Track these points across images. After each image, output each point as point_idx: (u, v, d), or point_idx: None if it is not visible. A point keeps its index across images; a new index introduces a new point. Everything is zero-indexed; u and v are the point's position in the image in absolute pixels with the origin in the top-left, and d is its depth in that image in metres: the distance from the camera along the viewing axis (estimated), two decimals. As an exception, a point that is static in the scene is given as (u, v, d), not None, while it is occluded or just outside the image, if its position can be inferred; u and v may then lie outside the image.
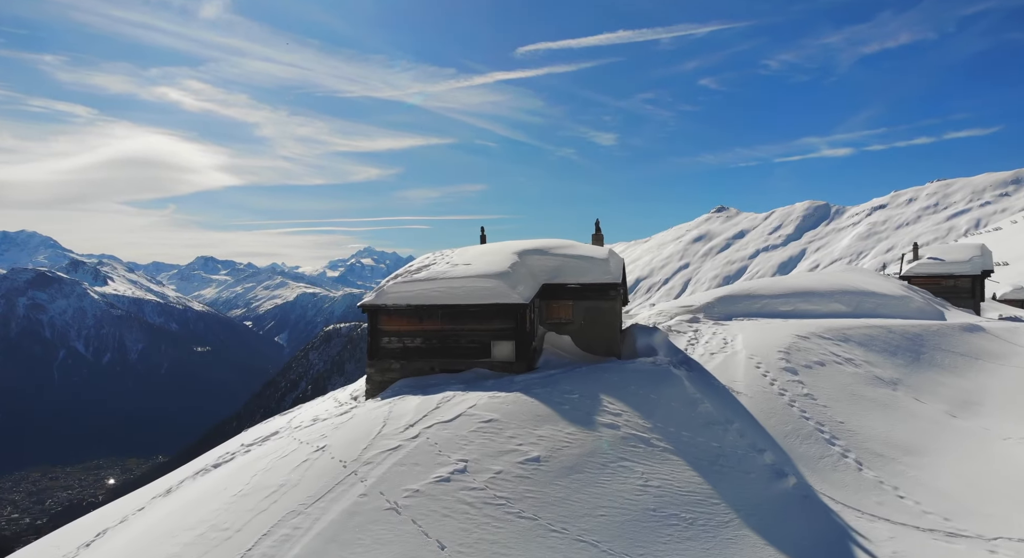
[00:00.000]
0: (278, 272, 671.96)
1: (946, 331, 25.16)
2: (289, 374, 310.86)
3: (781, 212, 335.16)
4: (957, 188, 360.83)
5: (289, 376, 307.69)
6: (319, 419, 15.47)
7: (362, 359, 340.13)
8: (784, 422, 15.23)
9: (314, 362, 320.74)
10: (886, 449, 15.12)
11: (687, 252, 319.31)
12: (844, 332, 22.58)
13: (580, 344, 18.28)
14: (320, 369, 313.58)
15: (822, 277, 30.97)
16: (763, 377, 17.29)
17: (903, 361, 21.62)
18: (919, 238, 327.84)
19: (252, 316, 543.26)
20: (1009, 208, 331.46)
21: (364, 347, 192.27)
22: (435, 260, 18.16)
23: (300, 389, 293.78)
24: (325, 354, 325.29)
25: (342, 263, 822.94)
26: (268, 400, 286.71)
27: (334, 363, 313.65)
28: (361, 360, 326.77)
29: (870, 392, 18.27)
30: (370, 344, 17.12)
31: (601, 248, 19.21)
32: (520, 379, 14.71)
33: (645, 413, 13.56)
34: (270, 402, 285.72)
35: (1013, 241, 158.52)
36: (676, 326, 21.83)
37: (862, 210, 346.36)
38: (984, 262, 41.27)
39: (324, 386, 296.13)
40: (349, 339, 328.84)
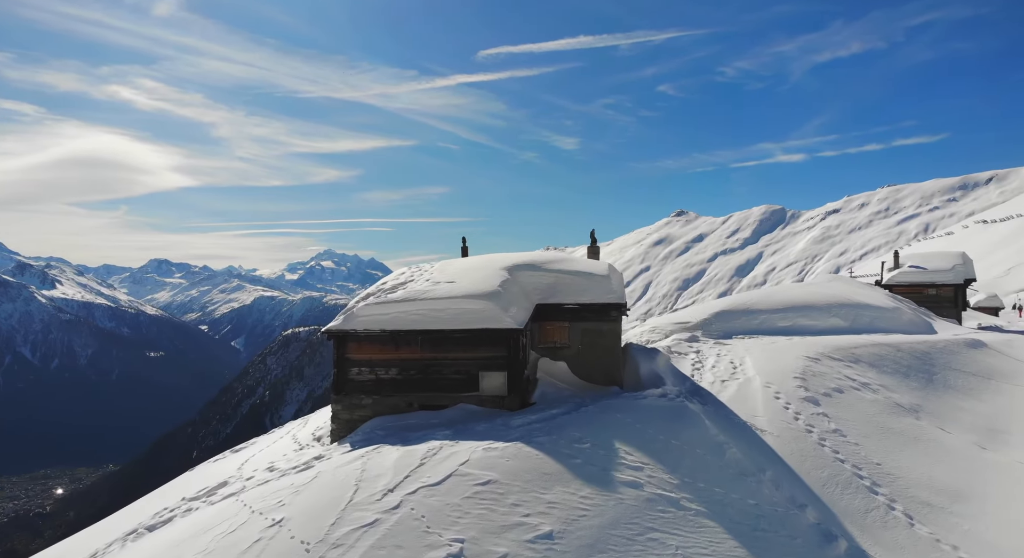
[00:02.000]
0: (235, 275, 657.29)
1: (952, 348, 23.72)
2: (246, 380, 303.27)
3: (739, 216, 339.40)
4: (907, 193, 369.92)
5: (246, 382, 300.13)
6: (275, 468, 13.02)
7: (322, 364, 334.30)
8: (819, 467, 13.28)
9: (272, 367, 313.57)
10: (931, 496, 13.29)
11: (648, 255, 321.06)
12: (853, 352, 20.90)
13: (577, 371, 16.12)
14: (278, 374, 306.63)
15: (816, 289, 29.41)
16: (785, 410, 15.36)
17: (917, 383, 20.02)
18: (871, 242, 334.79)
19: (208, 320, 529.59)
20: (956, 213, 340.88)
21: (324, 352, 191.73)
22: (412, 276, 15.81)
23: (258, 395, 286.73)
24: (283, 359, 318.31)
25: (301, 266, 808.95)
26: (224, 406, 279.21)
27: (293, 368, 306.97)
28: (321, 364, 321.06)
29: (895, 423, 16.51)
30: (336, 376, 14.72)
31: (600, 263, 17.09)
32: (518, 421, 12.47)
33: (669, 465, 11.45)
34: (226, 408, 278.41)
35: (966, 246, 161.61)
36: (675, 347, 19.85)
37: (817, 214, 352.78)
38: (966, 271, 40.43)
39: (282, 391, 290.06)
40: (308, 344, 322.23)
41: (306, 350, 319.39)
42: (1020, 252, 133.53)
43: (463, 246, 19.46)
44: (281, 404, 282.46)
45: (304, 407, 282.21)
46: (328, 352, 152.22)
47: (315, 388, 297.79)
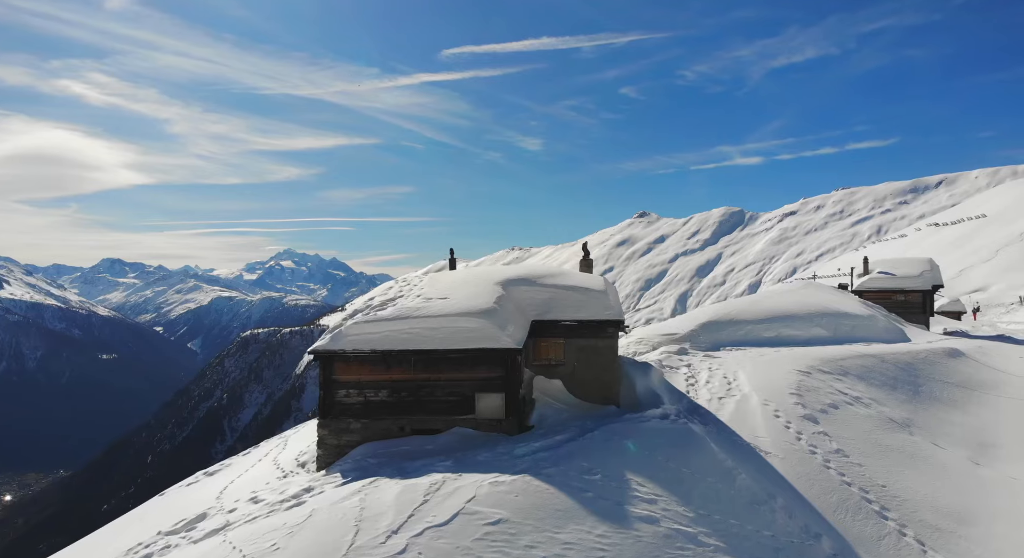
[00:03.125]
0: (191, 275, 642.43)
1: (933, 358, 23.80)
2: (203, 382, 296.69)
3: (699, 218, 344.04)
4: (861, 196, 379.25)
5: (203, 384, 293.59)
6: (260, 500, 12.16)
7: (282, 366, 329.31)
8: (827, 491, 12.94)
9: (230, 370, 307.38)
10: (938, 519, 13.05)
11: (611, 256, 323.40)
12: (841, 364, 20.76)
13: (573, 389, 15.55)
14: (236, 377, 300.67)
15: (795, 298, 29.37)
16: (786, 429, 15.03)
17: (905, 396, 19.95)
18: (826, 243, 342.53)
19: (163, 321, 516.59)
20: (908, 215, 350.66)
21: (284, 353, 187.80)
22: (402, 291, 15.06)
23: (215, 398, 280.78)
24: (242, 361, 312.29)
25: (260, 266, 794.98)
26: (180, 410, 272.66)
27: (252, 371, 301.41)
28: (281, 367, 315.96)
29: (891, 439, 16.32)
30: (323, 399, 13.90)
31: (595, 277, 16.55)
32: (521, 450, 11.83)
33: (682, 496, 10.95)
34: (182, 412, 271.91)
35: (919, 248, 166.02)
36: (666, 360, 19.44)
37: (774, 216, 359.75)
38: (934, 277, 41.02)
39: (241, 395, 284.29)
40: (267, 345, 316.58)
41: (265, 352, 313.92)
42: (971, 254, 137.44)
43: (451, 258, 18.74)
44: (240, 407, 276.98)
45: (263, 410, 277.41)
46: (289, 353, 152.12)
47: (275, 391, 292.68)
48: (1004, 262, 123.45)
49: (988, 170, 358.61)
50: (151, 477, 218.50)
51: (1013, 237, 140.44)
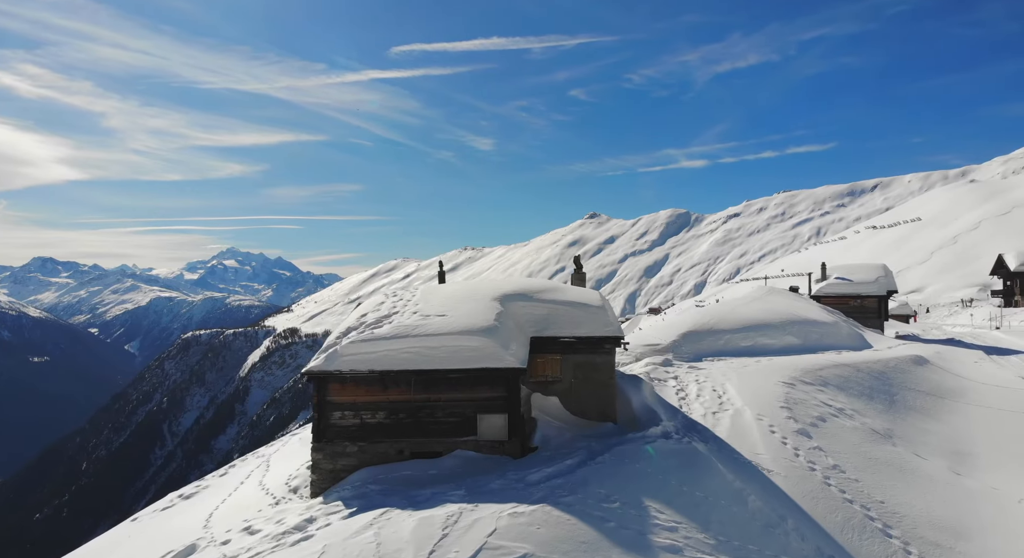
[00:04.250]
0: (128, 275, 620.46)
1: (902, 366, 24.41)
2: (142, 385, 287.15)
3: (647, 219, 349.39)
4: (801, 199, 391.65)
5: (142, 388, 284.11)
6: (256, 530, 11.47)
7: (225, 368, 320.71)
8: (831, 509, 12.97)
9: (170, 372, 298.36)
10: (936, 535, 13.22)
11: (563, 256, 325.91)
12: (820, 375, 21.07)
13: (570, 406, 15.27)
14: (177, 380, 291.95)
15: (766, 305, 29.80)
16: (783, 445, 15.07)
17: (882, 406, 20.36)
18: (768, 244, 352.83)
19: (98, 323, 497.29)
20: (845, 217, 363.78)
21: (227, 355, 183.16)
22: (396, 308, 14.52)
23: (154, 402, 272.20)
24: (183, 364, 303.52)
25: (202, 265, 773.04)
26: (117, 414, 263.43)
27: (193, 373, 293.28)
28: (224, 369, 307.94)
29: (879, 452, 16.55)
30: (316, 421, 13.28)
31: (591, 292, 16.31)
32: (535, 477, 11.47)
33: (701, 522, 10.76)
34: (120, 416, 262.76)
35: (858, 250, 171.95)
36: (653, 372, 19.37)
37: (719, 218, 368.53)
38: (888, 282, 42.31)
39: (182, 398, 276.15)
40: (210, 347, 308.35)
41: (208, 354, 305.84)
42: (907, 256, 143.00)
43: (440, 271, 18.25)
44: (180, 411, 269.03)
45: (206, 414, 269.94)
46: (232, 355, 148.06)
47: (218, 394, 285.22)
48: (938, 264, 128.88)
49: (920, 175, 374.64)
50: (86, 485, 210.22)
51: (946, 240, 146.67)
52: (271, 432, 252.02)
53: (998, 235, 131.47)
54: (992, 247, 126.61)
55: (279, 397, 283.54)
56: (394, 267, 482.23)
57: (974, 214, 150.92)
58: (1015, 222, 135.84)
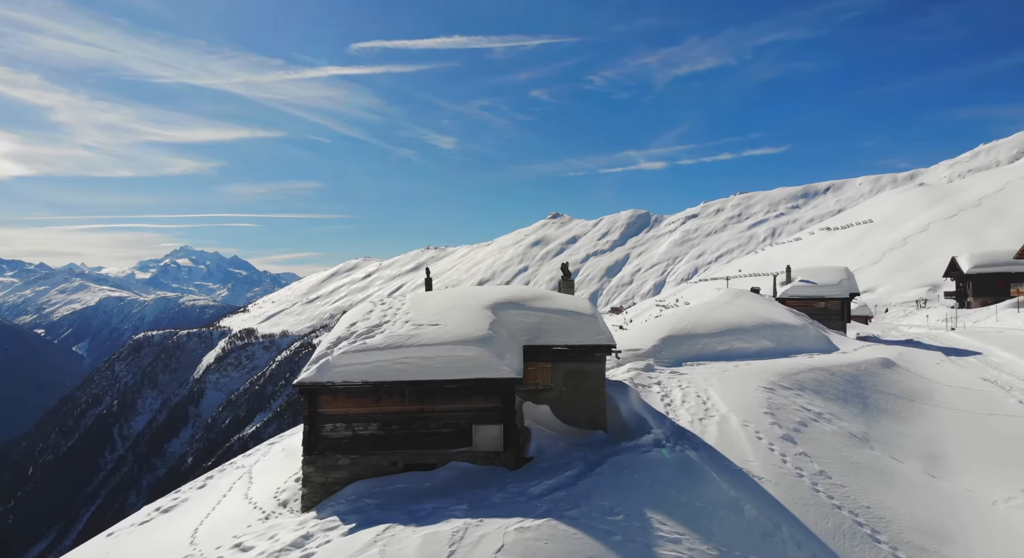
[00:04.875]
0: (77, 274, 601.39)
1: (872, 369, 24.99)
2: (91, 388, 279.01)
3: (608, 220, 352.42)
4: (757, 200, 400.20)
5: (91, 390, 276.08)
6: (249, 547, 11.13)
7: (179, 370, 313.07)
8: (822, 516, 13.16)
9: (121, 374, 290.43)
10: (921, 539, 13.51)
11: (526, 255, 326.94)
12: (797, 379, 21.42)
13: (561, 414, 15.23)
14: (129, 382, 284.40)
15: (737, 309, 30.22)
16: (771, 452, 15.25)
17: (857, 409, 20.79)
18: (725, 245, 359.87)
19: (45, 323, 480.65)
20: (799, 219, 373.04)
21: (181, 357, 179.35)
22: (386, 317, 14.28)
23: (104, 405, 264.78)
24: (134, 365, 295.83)
25: (154, 264, 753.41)
26: (65, 418, 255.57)
27: (145, 375, 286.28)
28: (178, 371, 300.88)
29: (859, 456, 16.88)
30: (307, 433, 12.98)
31: (582, 300, 16.28)
32: (536, 489, 11.38)
33: (703, 533, 10.81)
34: (68, 420, 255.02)
35: (813, 251, 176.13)
36: (637, 378, 19.46)
37: (677, 219, 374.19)
38: (851, 285, 43.34)
39: (133, 401, 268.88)
40: (163, 348, 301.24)
41: (160, 355, 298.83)
42: (859, 257, 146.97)
43: (427, 278, 18.02)
44: (132, 414, 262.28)
45: (158, 417, 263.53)
46: (186, 356, 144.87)
47: (171, 396, 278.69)
48: (889, 265, 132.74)
49: (871, 177, 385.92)
50: (33, 490, 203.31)
51: (896, 242, 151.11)
52: (227, 435, 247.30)
53: (946, 237, 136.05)
54: (940, 248, 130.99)
55: (235, 399, 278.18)
56: (354, 267, 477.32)
57: (923, 216, 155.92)
58: (962, 224, 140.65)
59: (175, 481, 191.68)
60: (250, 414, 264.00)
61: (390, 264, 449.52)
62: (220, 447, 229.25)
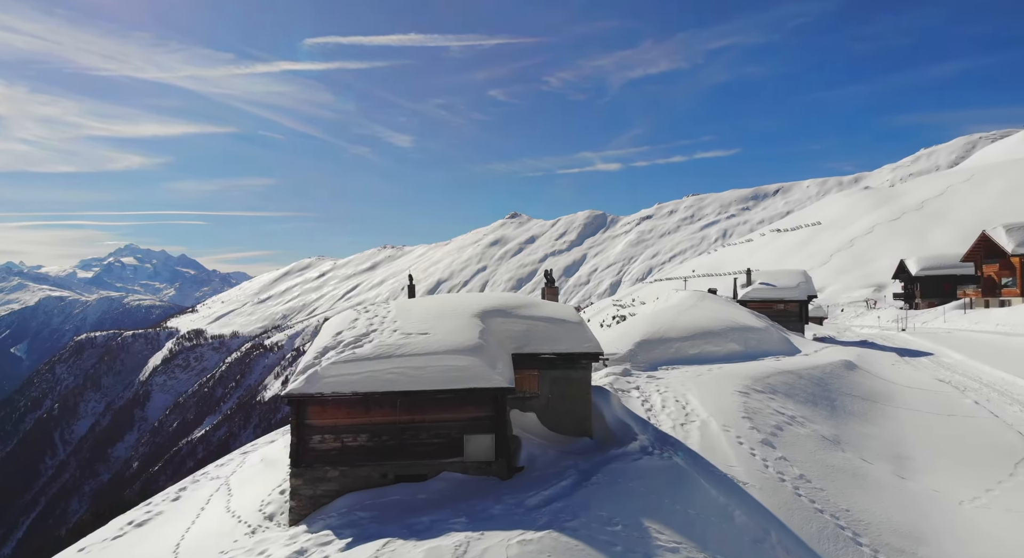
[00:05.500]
0: (15, 273, 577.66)
1: (837, 371, 25.68)
2: (30, 391, 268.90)
3: (566, 220, 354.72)
4: (709, 202, 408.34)
5: (30, 393, 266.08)
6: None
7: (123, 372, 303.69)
8: (806, 520, 13.46)
9: (62, 377, 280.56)
10: (899, 541, 13.90)
11: (484, 255, 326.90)
12: (768, 383, 21.89)
13: (547, 422, 15.25)
14: (70, 385, 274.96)
15: (703, 313, 30.73)
16: (752, 457, 15.54)
17: (826, 412, 21.33)
18: (679, 246, 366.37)
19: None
20: (749, 220, 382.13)
21: (126, 358, 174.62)
22: (373, 325, 14.08)
23: (44, 408, 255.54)
24: (76, 367, 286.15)
25: (97, 262, 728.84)
26: (3, 422, 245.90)
27: (88, 378, 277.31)
28: (123, 373, 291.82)
29: (834, 459, 17.31)
30: (295, 445, 12.71)
31: (567, 308, 16.31)
32: (534, 500, 11.36)
33: (698, 540, 10.93)
34: (5, 424, 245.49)
35: (763, 252, 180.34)
36: (616, 383, 19.62)
37: (632, 220, 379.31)
38: (808, 287, 44.50)
39: (75, 404, 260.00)
40: (106, 350, 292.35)
41: (104, 357, 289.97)
42: (808, 258, 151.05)
43: (410, 284, 17.82)
44: (74, 418, 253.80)
45: (102, 420, 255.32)
46: (131, 358, 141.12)
47: (115, 399, 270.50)
48: (837, 266, 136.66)
49: (818, 180, 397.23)
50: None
51: (843, 243, 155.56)
52: (174, 439, 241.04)
53: (890, 239, 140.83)
54: (885, 250, 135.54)
55: (183, 402, 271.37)
56: (308, 265, 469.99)
57: (868, 219, 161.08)
58: (905, 227, 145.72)
59: (119, 486, 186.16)
60: (199, 417, 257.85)
61: (345, 263, 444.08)
62: (167, 451, 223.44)
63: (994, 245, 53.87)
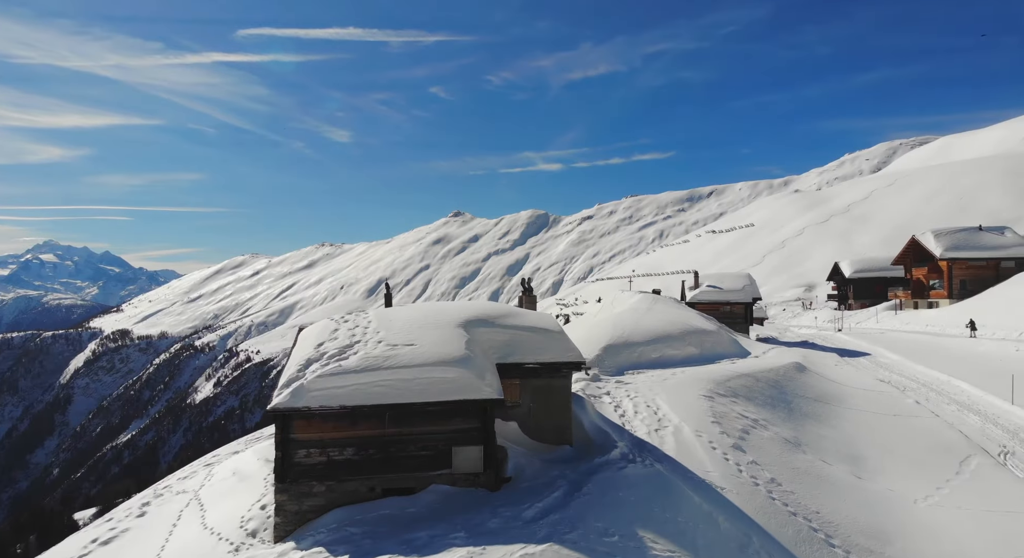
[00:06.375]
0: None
1: (790, 374, 26.56)
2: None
3: (509, 219, 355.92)
4: (646, 203, 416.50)
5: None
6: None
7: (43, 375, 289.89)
8: (782, 523, 13.91)
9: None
10: (868, 541, 14.51)
11: (427, 254, 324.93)
12: (729, 386, 22.49)
13: (528, 431, 15.28)
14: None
15: (660, 316, 31.32)
16: (726, 461, 15.95)
17: (784, 414, 22.05)
18: (618, 246, 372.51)
19: None
20: (684, 221, 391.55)
21: (45, 360, 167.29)
22: (356, 336, 13.84)
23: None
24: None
25: (14, 259, 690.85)
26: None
27: (3, 381, 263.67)
28: (42, 376, 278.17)
29: (798, 462, 17.93)
30: (279, 460, 12.40)
31: (547, 317, 16.38)
32: (530, 513, 11.38)
33: (690, 548, 11.18)
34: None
35: (700, 253, 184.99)
36: (587, 389, 19.83)
37: (574, 220, 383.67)
38: (753, 290, 45.91)
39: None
40: (24, 351, 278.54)
41: (21, 359, 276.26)
42: (742, 259, 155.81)
43: (387, 293, 17.56)
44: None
45: (19, 426, 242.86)
46: (51, 360, 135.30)
47: (34, 403, 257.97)
48: (769, 267, 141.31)
49: (749, 183, 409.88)
50: None
51: (775, 245, 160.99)
52: (98, 444, 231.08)
53: (819, 241, 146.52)
54: (815, 252, 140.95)
55: (108, 406, 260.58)
56: (241, 263, 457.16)
57: (798, 221, 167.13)
58: (833, 229, 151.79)
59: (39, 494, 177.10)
60: (125, 421, 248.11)
61: (281, 261, 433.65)
62: (90, 457, 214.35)
63: (923, 249, 56.72)
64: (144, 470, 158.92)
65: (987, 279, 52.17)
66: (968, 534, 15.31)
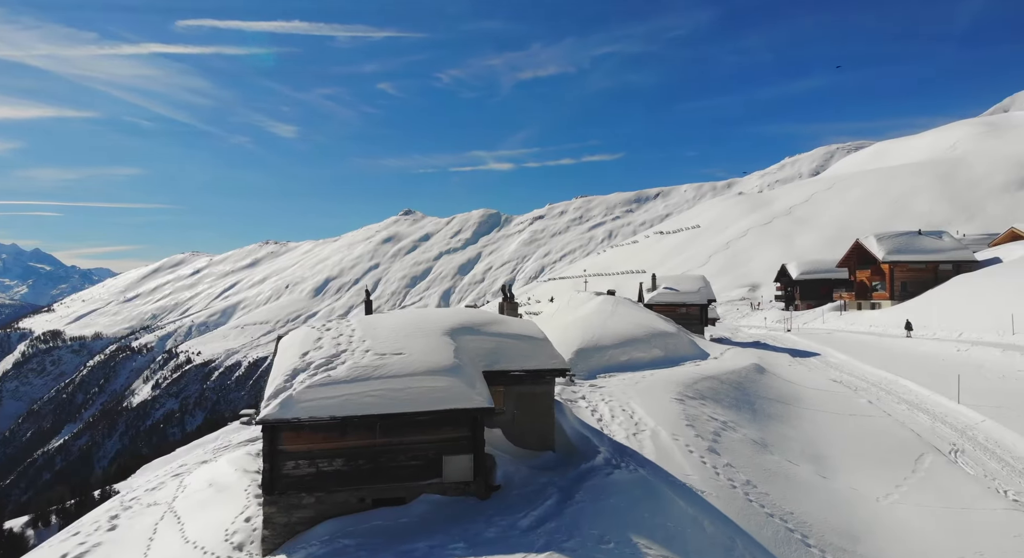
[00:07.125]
0: None
1: (751, 376, 27.30)
2: None
3: (460, 218, 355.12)
4: (596, 204, 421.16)
5: None
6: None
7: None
8: (760, 525, 14.31)
9: None
10: (840, 540, 15.02)
11: (377, 252, 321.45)
12: (696, 388, 22.99)
13: (512, 437, 15.34)
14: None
15: (624, 318, 31.76)
16: (703, 465, 16.32)
17: (749, 415, 22.66)
18: (568, 245, 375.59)
19: None
20: (632, 222, 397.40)
21: None
22: (341, 344, 13.66)
23: None
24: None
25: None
26: None
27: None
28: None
29: (768, 463, 18.46)
30: (267, 472, 12.17)
31: (530, 323, 16.45)
32: (526, 522, 11.45)
33: (681, 552, 11.39)
34: None
35: (648, 253, 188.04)
36: (563, 394, 20.00)
37: (526, 219, 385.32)
38: (708, 292, 46.95)
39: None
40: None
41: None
42: (688, 260, 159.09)
43: (367, 299, 17.34)
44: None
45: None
46: None
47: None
48: (714, 267, 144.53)
49: (694, 185, 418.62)
50: None
51: (720, 246, 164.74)
52: (28, 449, 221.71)
53: (762, 242, 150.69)
54: (758, 253, 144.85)
55: (38, 409, 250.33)
56: (181, 262, 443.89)
57: (743, 223, 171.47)
58: (776, 231, 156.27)
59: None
60: (57, 425, 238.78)
61: (222, 259, 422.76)
62: (21, 463, 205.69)
63: (866, 252, 58.96)
64: (77, 476, 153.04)
65: (926, 281, 54.56)
66: (930, 530, 16.01)
